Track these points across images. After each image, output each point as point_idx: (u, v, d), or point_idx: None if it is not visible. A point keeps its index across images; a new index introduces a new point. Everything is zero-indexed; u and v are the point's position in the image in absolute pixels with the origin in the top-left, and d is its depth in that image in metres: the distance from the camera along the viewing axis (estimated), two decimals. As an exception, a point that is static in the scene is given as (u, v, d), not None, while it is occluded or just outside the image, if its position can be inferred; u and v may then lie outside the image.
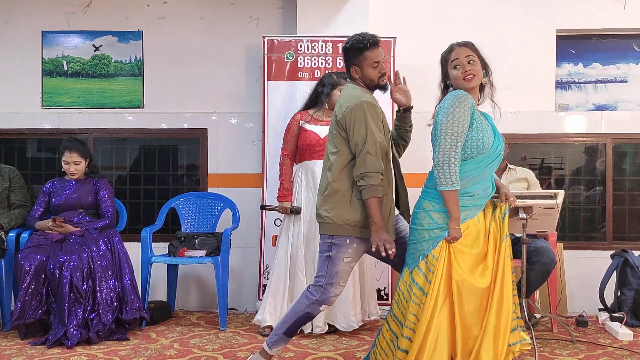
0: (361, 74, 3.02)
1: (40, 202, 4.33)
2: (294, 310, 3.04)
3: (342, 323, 4.02)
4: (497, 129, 2.99)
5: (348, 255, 2.94)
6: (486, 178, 2.86)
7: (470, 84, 2.85)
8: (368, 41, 3.00)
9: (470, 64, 2.85)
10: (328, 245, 2.95)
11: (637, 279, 4.30)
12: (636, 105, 5.02)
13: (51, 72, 5.18)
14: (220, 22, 5.07)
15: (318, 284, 2.99)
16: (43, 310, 3.92)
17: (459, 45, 2.91)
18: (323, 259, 2.98)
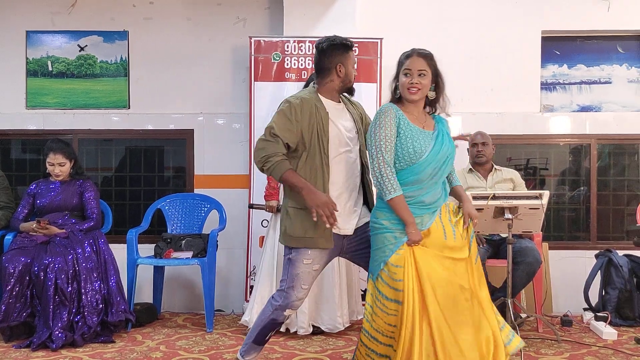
0: (345, 72, 2.98)
1: (25, 203, 4.29)
2: (260, 318, 3.00)
3: (328, 324, 4.03)
4: (444, 135, 2.91)
5: (308, 257, 2.88)
6: (432, 186, 2.83)
7: (412, 96, 2.84)
8: (351, 42, 3.03)
9: (419, 77, 2.83)
10: (289, 247, 2.94)
11: (621, 278, 4.34)
12: (620, 106, 5.08)
13: (36, 72, 5.14)
14: (207, 23, 5.06)
15: (281, 288, 2.96)
16: (27, 313, 3.89)
17: (418, 54, 2.88)
18: (285, 261, 2.97)
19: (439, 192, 2.86)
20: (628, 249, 4.55)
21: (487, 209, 3.64)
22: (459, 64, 4.95)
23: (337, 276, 4.00)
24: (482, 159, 4.40)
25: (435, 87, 2.92)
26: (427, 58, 2.87)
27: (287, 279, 2.91)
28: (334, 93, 3.02)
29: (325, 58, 2.98)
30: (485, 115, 4.94)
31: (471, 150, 4.47)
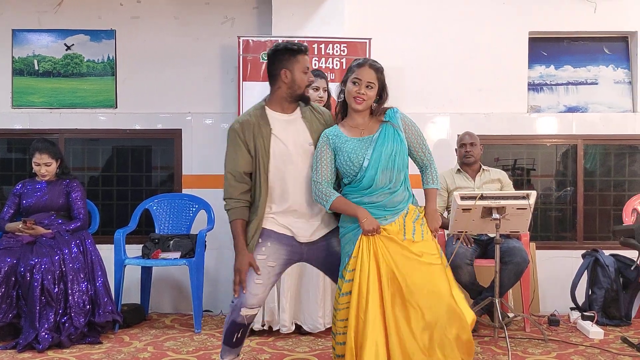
0: (291, 78, 2.84)
1: (10, 203, 4.25)
2: (226, 320, 2.98)
3: (309, 324, 4.03)
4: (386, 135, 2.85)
5: (262, 254, 2.86)
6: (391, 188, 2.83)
7: (356, 106, 2.85)
8: (302, 45, 2.90)
9: (367, 88, 2.84)
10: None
11: (608, 278, 4.37)
12: (606, 107, 5.11)
13: (22, 71, 5.09)
14: (195, 22, 5.04)
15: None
16: (13, 314, 3.85)
17: (370, 66, 2.86)
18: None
19: (401, 195, 2.86)
20: (614, 249, 4.59)
21: (475, 209, 3.65)
22: (446, 64, 4.97)
23: (320, 277, 4.00)
24: (470, 159, 4.42)
25: (379, 100, 2.90)
26: (378, 71, 2.87)
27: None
28: (283, 102, 2.91)
29: (270, 64, 2.90)
30: (473, 116, 4.96)
31: (459, 150, 4.49)
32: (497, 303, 3.78)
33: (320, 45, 4.61)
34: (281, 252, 2.89)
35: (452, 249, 4.00)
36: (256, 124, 2.85)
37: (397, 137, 2.85)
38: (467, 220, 3.72)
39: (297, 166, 2.88)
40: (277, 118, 2.89)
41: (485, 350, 3.75)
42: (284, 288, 3.99)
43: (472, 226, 3.78)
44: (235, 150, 2.86)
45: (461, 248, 4.09)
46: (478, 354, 3.68)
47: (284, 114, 2.91)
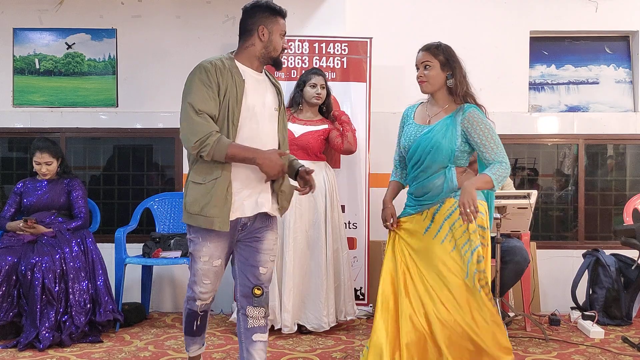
0: (268, 38, 2.71)
1: (12, 202, 4.26)
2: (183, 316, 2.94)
3: (313, 323, 4.03)
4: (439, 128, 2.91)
5: (205, 254, 2.71)
6: (422, 179, 2.91)
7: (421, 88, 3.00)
8: (283, 9, 2.79)
9: (426, 69, 2.94)
10: (189, 239, 2.77)
11: (609, 277, 4.37)
12: (607, 107, 5.11)
13: (22, 70, 5.09)
14: (196, 21, 5.04)
15: (189, 279, 2.83)
16: (14, 313, 3.85)
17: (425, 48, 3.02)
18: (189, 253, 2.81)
19: (431, 187, 2.89)
20: (615, 249, 4.59)
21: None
22: (448, 63, 4.96)
23: (324, 276, 4.01)
24: (471, 158, 4.41)
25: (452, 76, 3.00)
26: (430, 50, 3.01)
27: (191, 272, 2.80)
28: (253, 60, 2.74)
29: (247, 19, 2.73)
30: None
31: (459, 149, 4.49)
32: (497, 302, 3.78)
33: (321, 44, 4.61)
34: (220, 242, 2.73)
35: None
36: (229, 70, 2.64)
37: (446, 133, 2.87)
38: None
39: (264, 128, 2.72)
40: (250, 74, 2.72)
41: (486, 350, 3.74)
42: (286, 287, 3.98)
43: (473, 225, 3.77)
44: (206, 90, 2.58)
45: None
46: (479, 353, 3.68)
47: (254, 70, 2.75)
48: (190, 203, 2.65)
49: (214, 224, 2.60)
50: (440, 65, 2.92)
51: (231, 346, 3.83)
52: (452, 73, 2.94)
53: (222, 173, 2.61)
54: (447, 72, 2.93)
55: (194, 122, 2.55)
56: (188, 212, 2.66)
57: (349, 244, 4.36)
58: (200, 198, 2.61)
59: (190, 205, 2.65)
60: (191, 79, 2.63)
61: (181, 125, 2.60)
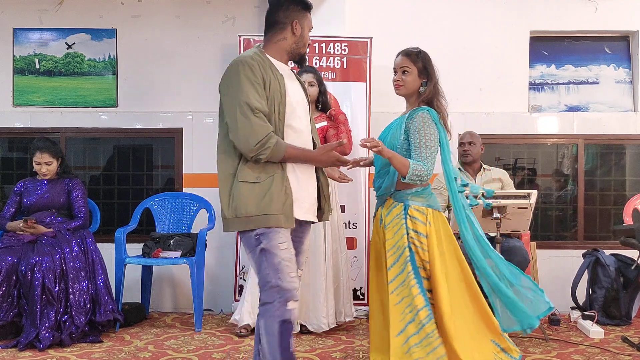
0: (300, 33, 2.63)
1: (12, 202, 4.26)
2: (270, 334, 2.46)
3: (313, 324, 4.03)
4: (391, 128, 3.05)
5: (282, 240, 2.48)
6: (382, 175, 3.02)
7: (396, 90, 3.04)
8: (311, 4, 2.69)
9: (404, 74, 3.00)
10: (255, 238, 2.49)
11: (608, 277, 4.37)
12: (607, 107, 5.11)
13: (22, 70, 5.09)
14: (196, 21, 5.04)
15: (264, 288, 2.49)
16: (14, 313, 3.85)
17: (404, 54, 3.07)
18: (255, 255, 2.50)
19: (379, 183, 3.02)
20: (615, 249, 4.59)
21: (476, 208, 3.65)
22: (448, 63, 4.94)
23: (323, 276, 4.00)
24: (468, 158, 4.42)
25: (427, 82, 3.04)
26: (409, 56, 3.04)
27: (269, 273, 2.45)
28: (283, 55, 2.65)
29: (280, 11, 2.62)
30: (474, 115, 4.96)
31: (458, 149, 4.49)
32: (497, 302, 3.78)
33: (321, 44, 4.61)
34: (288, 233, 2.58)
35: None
36: (268, 65, 2.53)
37: (395, 132, 2.97)
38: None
39: (303, 123, 2.64)
40: (283, 68, 2.62)
41: (486, 350, 3.75)
42: None
43: (473, 225, 3.77)
44: (255, 87, 2.43)
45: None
46: (478, 353, 3.68)
47: (285, 65, 2.67)
48: (243, 205, 2.44)
49: (279, 221, 2.44)
50: (417, 72, 3.00)
51: (231, 346, 3.84)
52: (427, 81, 3.01)
53: (279, 169, 2.49)
54: (423, 80, 3.01)
55: (253, 123, 2.40)
56: (242, 216, 2.44)
57: (349, 243, 4.36)
58: (257, 198, 2.44)
59: (244, 207, 2.44)
60: (235, 76, 2.47)
61: (236, 126, 2.43)
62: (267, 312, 2.47)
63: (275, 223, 2.44)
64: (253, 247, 2.49)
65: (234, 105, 2.45)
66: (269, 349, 2.46)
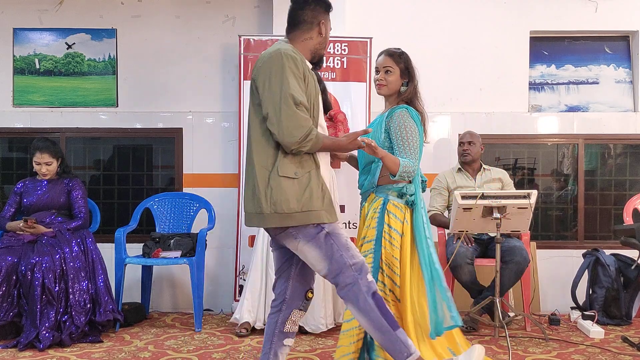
0: (325, 35, 2.65)
1: (12, 202, 4.26)
2: (368, 310, 2.44)
3: (311, 324, 4.03)
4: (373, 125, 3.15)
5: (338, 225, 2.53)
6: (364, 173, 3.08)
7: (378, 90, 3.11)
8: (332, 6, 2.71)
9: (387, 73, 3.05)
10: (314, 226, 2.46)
11: (608, 277, 4.37)
12: (607, 107, 5.11)
13: (22, 70, 5.09)
14: (196, 21, 5.04)
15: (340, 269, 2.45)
16: (14, 313, 3.85)
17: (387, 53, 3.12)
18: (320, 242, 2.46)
19: (362, 181, 3.08)
20: (615, 249, 4.59)
21: (476, 209, 3.65)
22: (447, 63, 4.97)
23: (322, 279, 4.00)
24: (467, 157, 4.42)
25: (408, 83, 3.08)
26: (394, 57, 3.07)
27: (342, 254, 2.45)
28: (307, 54, 2.64)
29: (308, 10, 2.61)
30: (474, 115, 4.96)
31: (458, 149, 4.50)
32: (497, 302, 3.78)
33: (321, 44, 4.61)
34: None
35: (453, 249, 4.01)
36: (304, 61, 2.53)
37: (375, 130, 3.04)
38: (467, 220, 3.72)
39: (322, 120, 2.69)
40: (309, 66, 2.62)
41: (486, 350, 3.74)
42: None
43: (473, 225, 3.78)
44: (298, 81, 2.43)
45: (462, 247, 4.09)
46: (478, 353, 3.68)
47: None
48: (284, 201, 2.40)
49: (321, 218, 2.43)
50: (400, 72, 3.05)
51: (231, 346, 3.83)
52: (408, 81, 3.05)
53: (314, 166, 2.50)
54: (404, 80, 3.05)
55: (298, 116, 2.39)
56: (283, 211, 2.40)
57: (349, 243, 4.35)
58: (298, 194, 2.42)
59: (285, 203, 2.40)
60: (279, 67, 2.43)
61: (279, 118, 2.39)
62: (354, 293, 2.45)
63: (316, 219, 2.44)
64: (314, 235, 2.45)
65: (277, 97, 2.41)
66: (374, 324, 2.44)
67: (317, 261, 2.49)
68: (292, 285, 2.68)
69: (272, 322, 2.69)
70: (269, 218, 2.43)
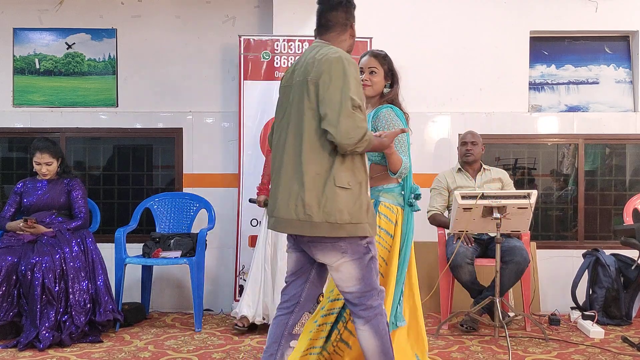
0: (354, 37, 2.68)
1: (12, 202, 4.26)
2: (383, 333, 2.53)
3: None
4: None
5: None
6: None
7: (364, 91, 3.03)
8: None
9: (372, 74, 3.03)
10: (364, 246, 2.49)
11: (609, 277, 4.37)
12: (607, 107, 5.11)
13: (22, 70, 5.09)
14: (196, 21, 5.04)
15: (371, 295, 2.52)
16: (14, 313, 3.85)
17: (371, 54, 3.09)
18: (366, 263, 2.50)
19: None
20: (615, 249, 4.59)
21: (476, 209, 3.65)
22: (447, 63, 4.97)
23: None
24: (470, 157, 4.42)
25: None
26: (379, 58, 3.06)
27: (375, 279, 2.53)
28: None
29: (343, 12, 2.62)
30: (474, 115, 4.96)
31: (460, 149, 4.49)
32: (497, 302, 3.78)
33: (321, 44, 4.61)
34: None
35: (453, 249, 4.01)
36: None
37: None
38: (467, 220, 3.72)
39: None
40: None
41: (486, 350, 3.75)
42: (278, 285, 3.99)
43: (473, 225, 3.78)
44: (357, 85, 2.44)
45: (462, 247, 4.09)
46: (478, 353, 3.68)
47: None
48: (337, 212, 2.39)
49: (366, 230, 2.44)
50: (384, 74, 3.05)
51: (231, 346, 3.83)
52: (391, 83, 3.06)
53: (365, 176, 2.52)
54: (388, 82, 3.06)
55: (357, 118, 2.38)
56: (334, 222, 2.39)
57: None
58: (351, 205, 2.42)
59: (338, 213, 2.39)
60: (342, 70, 2.43)
61: (338, 119, 2.36)
62: (376, 315, 2.53)
63: (362, 232, 2.44)
64: (362, 254, 2.48)
65: (339, 98, 2.39)
66: (384, 349, 2.53)
67: (352, 279, 2.50)
68: (309, 288, 2.68)
69: (282, 323, 2.67)
70: (319, 227, 2.40)
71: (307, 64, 2.50)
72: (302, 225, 2.42)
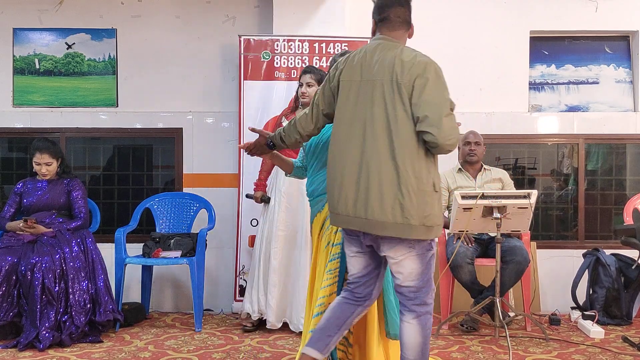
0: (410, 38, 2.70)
1: (11, 202, 4.26)
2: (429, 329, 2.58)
3: (294, 323, 4.04)
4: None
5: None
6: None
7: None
8: None
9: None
10: (428, 243, 2.53)
11: (609, 277, 4.37)
12: (607, 107, 5.11)
13: (22, 70, 5.09)
14: (196, 21, 5.04)
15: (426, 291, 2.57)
16: (14, 313, 3.85)
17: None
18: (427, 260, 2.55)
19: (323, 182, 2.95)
20: (615, 248, 4.58)
21: (476, 209, 3.65)
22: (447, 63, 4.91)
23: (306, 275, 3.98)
24: (474, 158, 4.42)
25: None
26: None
27: (431, 277, 2.58)
28: None
29: (407, 10, 2.68)
30: (474, 115, 4.95)
31: (463, 148, 4.48)
32: (497, 302, 3.78)
33: (321, 44, 4.61)
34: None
35: (453, 249, 4.01)
36: None
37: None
38: (468, 220, 3.72)
39: None
40: None
41: (486, 350, 3.75)
42: (270, 284, 4.00)
43: (473, 225, 3.78)
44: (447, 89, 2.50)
45: (462, 247, 4.09)
46: (479, 353, 3.68)
47: None
48: (435, 216, 2.45)
49: (438, 232, 2.52)
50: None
51: (231, 346, 3.83)
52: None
53: (439, 180, 2.57)
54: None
55: (453, 120, 2.45)
56: (430, 225, 2.44)
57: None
58: (438, 207, 2.48)
59: (435, 218, 2.45)
60: (437, 75, 2.49)
61: (440, 121, 2.38)
62: (427, 312, 2.56)
63: (437, 234, 2.51)
64: (425, 251, 2.52)
65: (439, 100, 2.43)
66: (424, 347, 2.56)
67: (414, 274, 2.53)
68: (379, 283, 2.72)
69: (349, 311, 2.67)
70: (416, 230, 2.42)
71: (387, 63, 2.51)
72: (399, 227, 2.42)
